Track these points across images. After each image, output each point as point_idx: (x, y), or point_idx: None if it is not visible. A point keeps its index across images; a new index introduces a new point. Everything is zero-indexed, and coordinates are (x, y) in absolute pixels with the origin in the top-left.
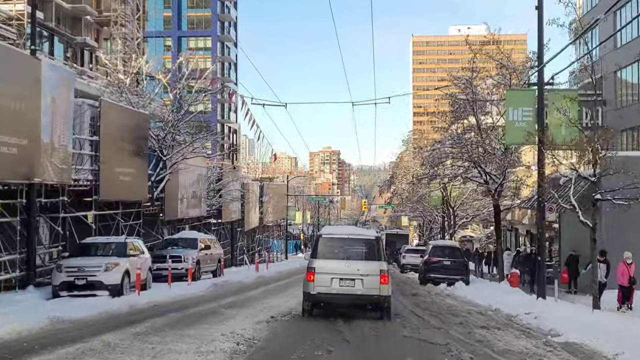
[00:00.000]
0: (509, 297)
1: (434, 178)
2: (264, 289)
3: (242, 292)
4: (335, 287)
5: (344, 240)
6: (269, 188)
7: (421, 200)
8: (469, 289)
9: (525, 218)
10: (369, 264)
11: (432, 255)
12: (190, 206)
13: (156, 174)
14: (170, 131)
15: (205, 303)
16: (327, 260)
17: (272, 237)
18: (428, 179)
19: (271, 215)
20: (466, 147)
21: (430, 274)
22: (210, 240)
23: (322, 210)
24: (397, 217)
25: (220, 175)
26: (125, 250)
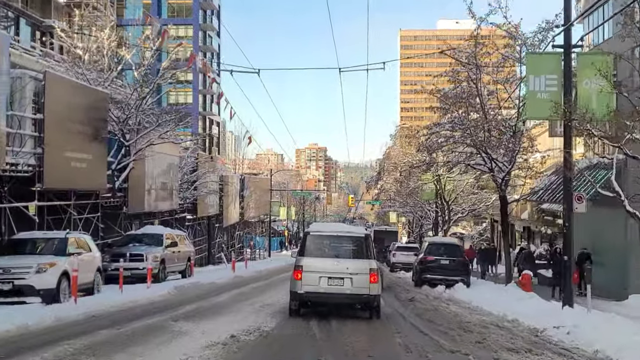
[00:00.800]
0: (524, 303)
1: (431, 166)
2: (237, 293)
3: (208, 297)
4: (324, 286)
5: (333, 238)
6: (251, 182)
7: (413, 194)
8: (471, 292)
9: (524, 213)
10: (358, 262)
11: (428, 253)
12: (160, 199)
13: (117, 162)
14: (132, 113)
15: (157, 313)
16: (315, 259)
17: (255, 234)
18: (425, 167)
19: (253, 210)
20: (469, 129)
21: (426, 274)
22: (178, 237)
23: (308, 207)
24: (385, 213)
25: (196, 165)
26: (66, 247)
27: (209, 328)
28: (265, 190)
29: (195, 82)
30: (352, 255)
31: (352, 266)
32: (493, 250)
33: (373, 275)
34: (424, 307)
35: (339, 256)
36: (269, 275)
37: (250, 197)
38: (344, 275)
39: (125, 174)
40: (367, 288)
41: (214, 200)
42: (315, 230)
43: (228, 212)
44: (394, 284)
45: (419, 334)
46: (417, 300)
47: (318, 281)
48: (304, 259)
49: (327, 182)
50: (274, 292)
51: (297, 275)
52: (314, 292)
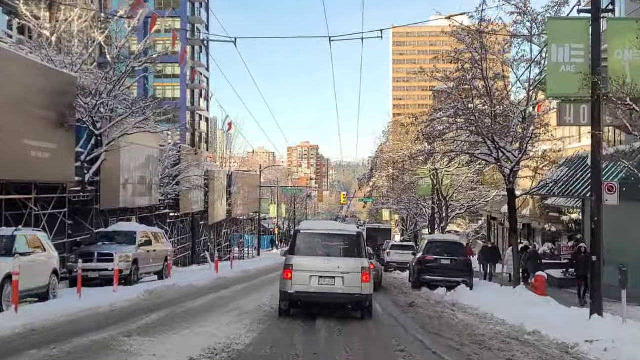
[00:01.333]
0: (542, 310)
1: (431, 156)
2: (215, 297)
3: (182, 303)
4: (315, 286)
5: (324, 236)
6: (239, 178)
7: (408, 190)
8: (477, 295)
9: (525, 209)
10: (350, 261)
11: (427, 252)
12: (138, 194)
13: (88, 152)
14: (104, 99)
15: (112, 325)
16: (305, 257)
17: (244, 232)
18: (424, 157)
19: (241, 207)
20: (473, 115)
21: (425, 275)
22: (154, 234)
23: (299, 205)
24: (378, 211)
25: (178, 159)
26: (12, 247)
27: (166, 348)
28: (254, 186)
29: (183, 76)
30: (344, 254)
31: (344, 265)
32: (497, 249)
33: (365, 275)
34: (427, 315)
35: (330, 255)
36: (255, 276)
37: (238, 194)
38: (335, 275)
39: (96, 166)
40: (359, 287)
41: (198, 196)
42: (306, 228)
43: (214, 209)
44: (389, 285)
45: (427, 351)
46: (418, 306)
47: (309, 280)
48: (294, 258)
49: (319, 180)
50: (258, 296)
51: (287, 274)
52: (304, 292)
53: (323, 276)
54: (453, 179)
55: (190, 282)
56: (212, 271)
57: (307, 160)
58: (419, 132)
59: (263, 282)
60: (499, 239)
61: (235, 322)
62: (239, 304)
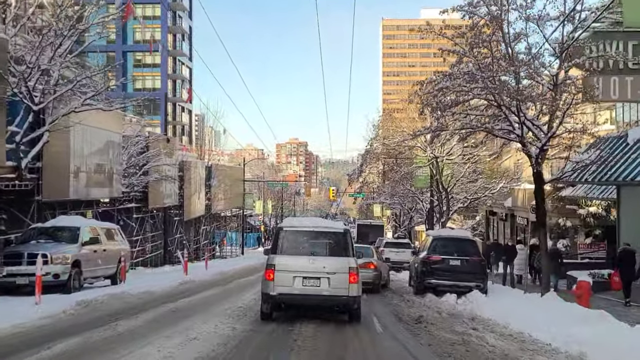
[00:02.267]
0: (600, 330)
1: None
2: (168, 310)
3: (118, 320)
4: (298, 287)
5: (309, 234)
6: (219, 170)
7: (405, 180)
8: (497, 304)
9: (534, 201)
10: (337, 260)
11: (433, 251)
12: (94, 184)
13: (24, 132)
14: (42, 67)
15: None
16: (289, 257)
17: (229, 229)
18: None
19: (222, 202)
20: (491, 79)
21: (430, 279)
22: (107, 231)
23: (288, 202)
24: (369, 206)
25: (146, 146)
26: None
27: None
28: (237, 180)
29: (163, 65)
30: (330, 253)
31: (330, 265)
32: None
33: (353, 275)
34: (445, 338)
35: (315, 254)
36: (231, 278)
37: (219, 188)
38: (321, 275)
39: (37, 149)
40: (346, 289)
41: (171, 189)
42: (289, 226)
43: (190, 204)
44: (386, 289)
45: None
46: (429, 322)
47: (292, 281)
48: (277, 258)
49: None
50: (225, 307)
51: (269, 275)
52: (287, 294)
53: (307, 277)
54: (454, 169)
55: (147, 288)
56: (181, 273)
57: (296, 157)
58: (423, 104)
59: (239, 286)
60: (499, 235)
61: (173, 357)
62: (194, 321)
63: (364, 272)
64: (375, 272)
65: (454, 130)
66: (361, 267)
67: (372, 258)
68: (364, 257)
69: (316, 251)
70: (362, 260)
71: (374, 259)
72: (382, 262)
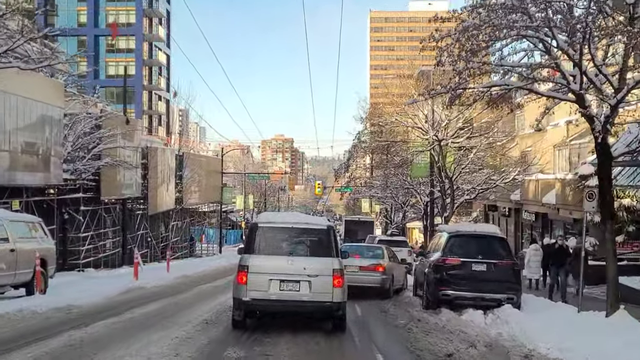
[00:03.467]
0: None
1: (458, 96)
2: (77, 337)
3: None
4: (275, 292)
5: (287, 231)
6: (192, 160)
7: (400, 169)
8: (542, 326)
9: (548, 194)
10: (319, 261)
11: (449, 252)
12: (21, 167)
13: None
14: None
15: None
16: (264, 257)
17: (207, 225)
18: (451, 94)
19: (197, 195)
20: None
21: (446, 289)
22: (17, 225)
23: (272, 198)
24: (356, 202)
25: (97, 125)
26: None
27: None
28: (214, 172)
29: (138, 51)
30: (311, 253)
31: (311, 266)
32: (562, 249)
33: (337, 278)
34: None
35: (295, 254)
36: (193, 284)
37: (192, 179)
38: (301, 278)
39: None
40: (330, 294)
41: (132, 178)
42: (265, 221)
43: (157, 196)
44: (382, 301)
45: None
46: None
47: (268, 285)
48: (251, 258)
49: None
50: (161, 333)
51: (241, 278)
52: (262, 300)
53: (285, 280)
54: (459, 155)
55: (70, 300)
56: (132, 277)
57: (282, 153)
58: (440, 53)
59: (199, 295)
60: (506, 234)
61: None
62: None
63: (368, 276)
64: (383, 276)
65: (483, 88)
66: (366, 270)
67: (382, 260)
68: (372, 259)
69: (296, 251)
70: (369, 262)
71: (383, 260)
72: (398, 264)
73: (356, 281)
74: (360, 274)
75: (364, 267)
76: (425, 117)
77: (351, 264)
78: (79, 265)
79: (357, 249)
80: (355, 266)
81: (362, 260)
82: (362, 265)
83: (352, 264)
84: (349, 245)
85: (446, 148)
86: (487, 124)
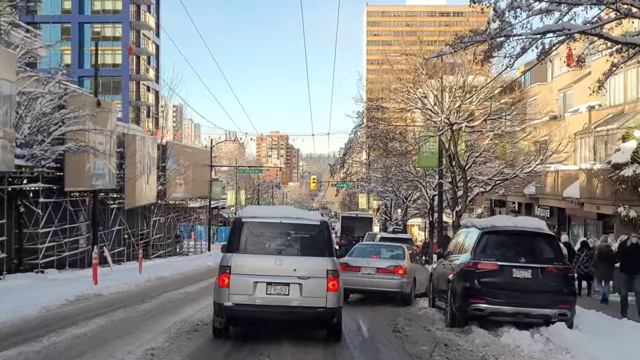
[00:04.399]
0: None
1: (500, 47)
2: None
3: None
4: (261, 296)
5: (275, 226)
6: (178, 151)
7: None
8: (616, 355)
9: (571, 186)
10: (311, 261)
11: (482, 253)
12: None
13: None
14: None
15: None
16: (249, 256)
17: (195, 222)
18: (491, 43)
19: (182, 189)
20: None
21: (478, 302)
22: None
23: (265, 194)
24: (352, 198)
25: (61, 106)
26: None
27: None
28: (203, 165)
29: (125, 38)
30: (302, 252)
31: (302, 267)
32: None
33: (332, 280)
34: None
35: (284, 252)
36: (162, 289)
37: (177, 171)
38: (290, 280)
39: None
40: (324, 298)
41: (105, 167)
42: (250, 216)
43: (135, 188)
44: (392, 314)
45: None
46: None
47: (253, 289)
48: (234, 257)
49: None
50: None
51: (222, 280)
52: (246, 305)
53: (273, 282)
54: (473, 140)
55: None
56: (91, 281)
57: (277, 150)
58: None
59: (163, 306)
60: None
61: None
62: None
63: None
64: (403, 279)
65: (533, 35)
66: (384, 272)
67: (402, 261)
68: (391, 259)
69: (285, 249)
70: (388, 263)
71: (404, 261)
72: (421, 266)
73: (372, 285)
74: (377, 277)
75: (382, 269)
76: (435, 99)
77: (367, 265)
78: (37, 265)
79: (373, 248)
80: (372, 267)
81: (380, 261)
82: (380, 267)
83: (368, 265)
84: (366, 244)
85: (458, 134)
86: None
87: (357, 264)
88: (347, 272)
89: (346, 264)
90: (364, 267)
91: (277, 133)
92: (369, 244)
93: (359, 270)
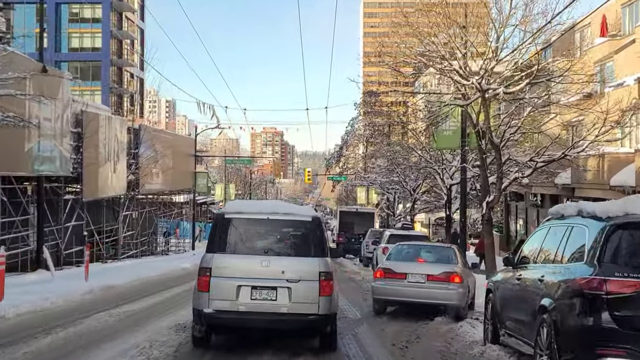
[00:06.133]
0: None
1: None
2: None
3: None
4: (245, 302)
5: (262, 223)
6: (152, 135)
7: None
8: None
9: (622, 172)
10: (302, 262)
11: (612, 264)
12: None
13: None
14: None
15: None
16: (232, 256)
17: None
18: None
19: (160, 179)
20: None
21: (613, 352)
22: None
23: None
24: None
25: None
26: None
27: None
28: (185, 155)
29: (105, 21)
30: (292, 251)
31: (291, 268)
32: None
33: (325, 283)
34: None
35: (271, 252)
36: (97, 307)
37: (154, 161)
38: (278, 284)
39: None
40: (316, 304)
41: (55, 150)
42: (234, 212)
43: (97, 176)
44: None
45: None
46: None
47: (236, 293)
48: (215, 258)
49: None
50: None
51: (202, 283)
52: (229, 312)
53: (259, 286)
54: (511, 112)
55: None
56: (40, 287)
57: (272, 147)
58: None
59: (76, 340)
60: (529, 227)
61: None
62: None
63: (441, 290)
64: (460, 290)
65: None
66: (437, 281)
67: (455, 266)
68: (443, 265)
69: (272, 249)
70: (440, 270)
71: (457, 266)
72: (469, 270)
73: (421, 297)
74: (427, 287)
75: (434, 276)
76: (461, 67)
77: (415, 272)
78: None
79: (416, 250)
80: (421, 275)
81: (430, 266)
82: (432, 274)
83: (415, 271)
84: (407, 245)
85: (496, 99)
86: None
87: (402, 270)
88: (388, 279)
89: (389, 270)
90: (410, 274)
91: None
92: (409, 244)
93: (405, 277)
